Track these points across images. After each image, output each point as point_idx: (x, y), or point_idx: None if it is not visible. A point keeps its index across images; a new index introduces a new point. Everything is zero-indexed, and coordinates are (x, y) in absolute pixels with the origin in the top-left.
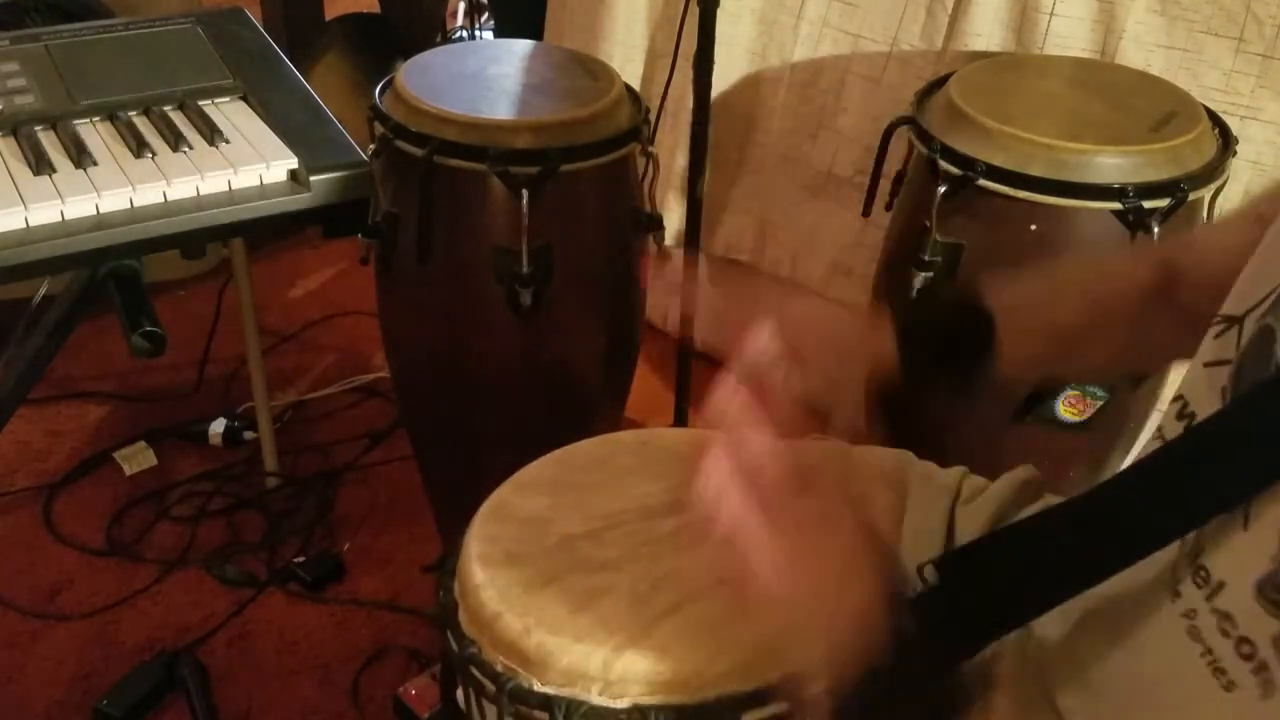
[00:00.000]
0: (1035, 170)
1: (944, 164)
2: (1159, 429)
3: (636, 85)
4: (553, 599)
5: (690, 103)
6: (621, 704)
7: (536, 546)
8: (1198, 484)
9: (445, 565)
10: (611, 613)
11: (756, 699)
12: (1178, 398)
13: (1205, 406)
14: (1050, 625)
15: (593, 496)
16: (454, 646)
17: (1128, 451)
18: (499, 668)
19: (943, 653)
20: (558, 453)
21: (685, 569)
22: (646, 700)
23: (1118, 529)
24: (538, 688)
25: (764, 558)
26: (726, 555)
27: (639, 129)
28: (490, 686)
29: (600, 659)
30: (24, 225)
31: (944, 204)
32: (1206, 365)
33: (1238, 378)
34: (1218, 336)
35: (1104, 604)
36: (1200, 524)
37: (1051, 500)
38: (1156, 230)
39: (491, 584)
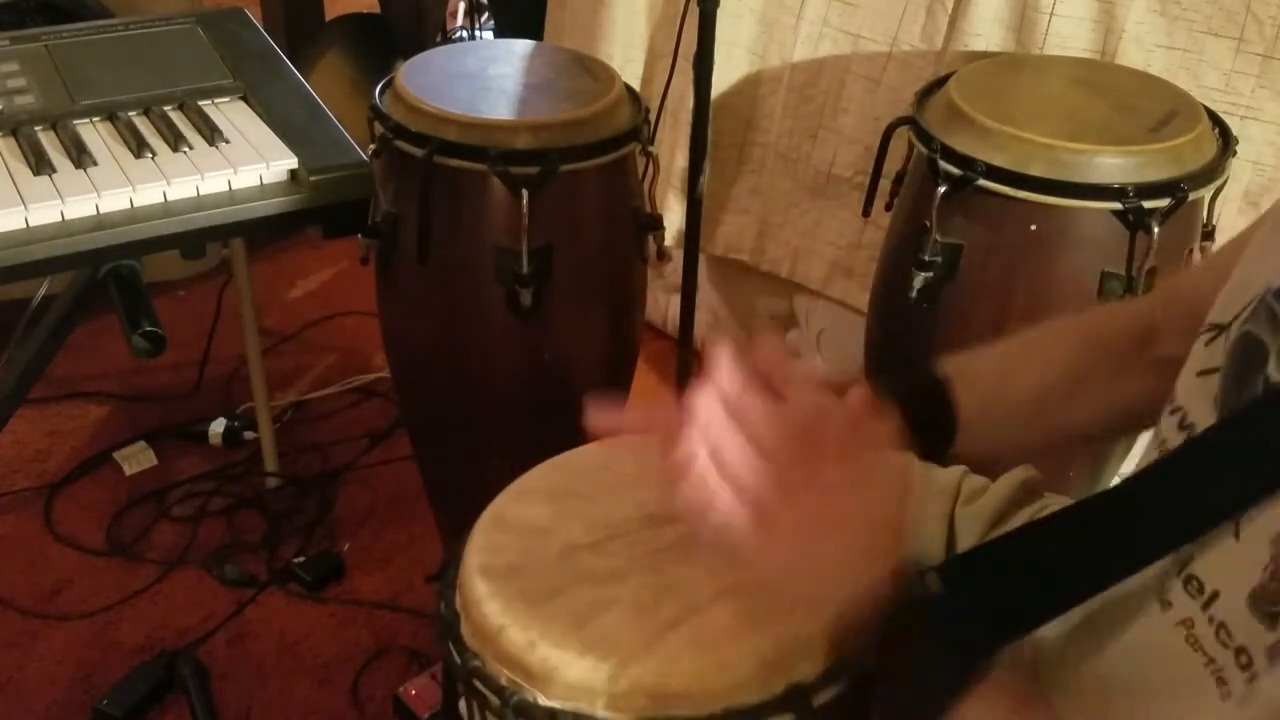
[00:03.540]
0: (1035, 170)
1: (944, 164)
2: (1161, 440)
3: (636, 85)
4: (557, 612)
5: (690, 103)
6: (627, 718)
7: (539, 558)
8: (1195, 496)
9: (446, 576)
10: (616, 625)
11: (763, 711)
12: (1176, 409)
13: (1202, 415)
14: (1049, 625)
15: (594, 505)
16: (456, 659)
17: (1128, 451)
18: (503, 681)
19: (947, 663)
20: (557, 459)
21: (690, 579)
22: (652, 714)
23: (1119, 539)
24: (543, 702)
25: (764, 552)
26: (728, 560)
27: (639, 129)
28: (495, 700)
29: (605, 673)
30: (24, 225)
31: (944, 204)
32: (1200, 374)
33: (1225, 384)
34: (1208, 344)
35: (1089, 609)
36: (1198, 535)
37: (1052, 500)
38: (1156, 230)
39: (494, 597)
